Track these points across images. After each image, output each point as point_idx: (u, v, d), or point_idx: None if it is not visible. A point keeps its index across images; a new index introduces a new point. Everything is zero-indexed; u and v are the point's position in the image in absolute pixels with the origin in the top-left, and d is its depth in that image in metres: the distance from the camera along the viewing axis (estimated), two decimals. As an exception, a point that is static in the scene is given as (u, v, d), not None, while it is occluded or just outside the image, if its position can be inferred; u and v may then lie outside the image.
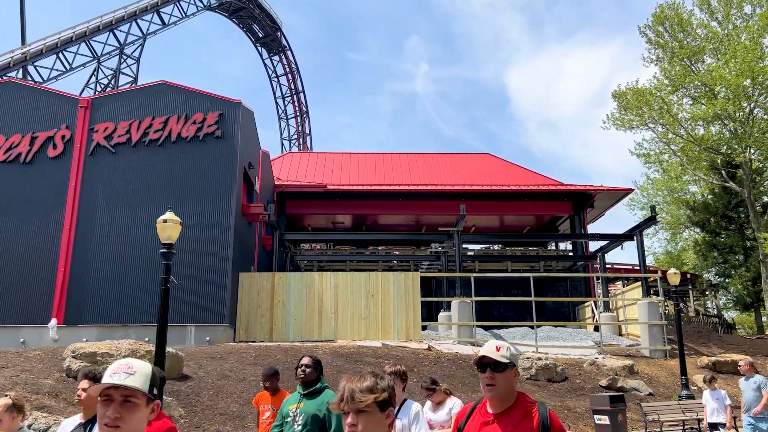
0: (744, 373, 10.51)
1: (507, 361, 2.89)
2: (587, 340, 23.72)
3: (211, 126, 21.89)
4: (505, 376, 2.89)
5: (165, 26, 51.88)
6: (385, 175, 34.99)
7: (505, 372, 2.89)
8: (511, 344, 22.10)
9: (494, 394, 2.88)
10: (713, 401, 11.16)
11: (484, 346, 2.98)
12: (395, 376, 4.87)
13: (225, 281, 20.52)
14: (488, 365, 2.90)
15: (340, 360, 17.60)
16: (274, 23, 66.22)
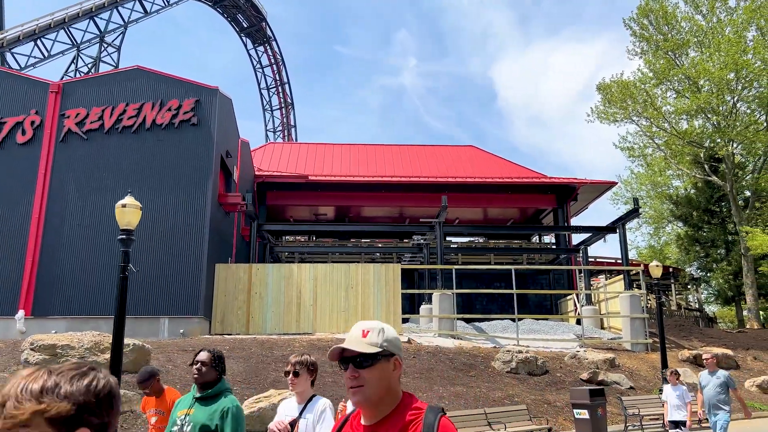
0: (707, 367, 9.96)
1: (378, 350, 1.99)
2: (569, 333, 23.52)
3: (186, 113, 21.31)
4: (376, 371, 1.98)
5: (147, 14, 50.91)
6: (368, 166, 34.55)
7: (377, 366, 1.98)
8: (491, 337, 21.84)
9: (362, 398, 1.97)
10: (675, 398, 10.51)
11: (351, 330, 2.10)
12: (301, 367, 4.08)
13: (200, 272, 20.01)
14: (351, 360, 2.00)
15: (317, 353, 17.18)
16: (259, 14, 65.35)
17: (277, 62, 71.82)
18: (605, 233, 25.50)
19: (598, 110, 34.50)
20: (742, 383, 19.75)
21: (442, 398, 14.81)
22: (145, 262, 19.90)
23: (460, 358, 18.66)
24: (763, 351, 23.19)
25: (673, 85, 31.67)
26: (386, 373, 2.00)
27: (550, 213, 34.31)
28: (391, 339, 2.06)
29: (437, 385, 15.94)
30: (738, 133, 28.58)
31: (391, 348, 2.04)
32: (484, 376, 17.39)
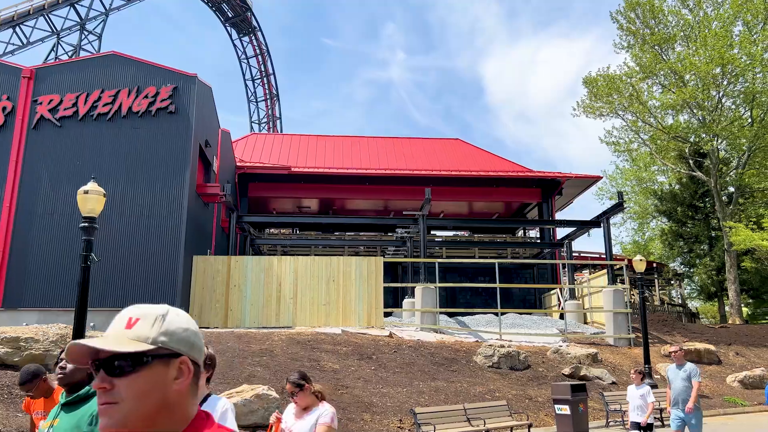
0: (675, 361, 9.48)
1: (146, 347, 1.28)
2: (552, 328, 23.36)
3: (164, 100, 20.76)
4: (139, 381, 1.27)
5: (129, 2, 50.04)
6: (352, 158, 34.14)
7: (143, 373, 1.27)
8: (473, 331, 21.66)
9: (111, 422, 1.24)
10: (637, 398, 9.98)
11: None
12: None
13: (177, 264, 19.53)
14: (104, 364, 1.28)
15: (296, 347, 16.85)
16: (244, 3, 64.51)
17: (263, 53, 71.06)
18: (589, 227, 25.34)
19: (584, 104, 34.33)
20: (724, 379, 19.71)
21: (422, 393, 14.53)
22: (120, 253, 19.41)
23: (441, 352, 18.39)
24: (745, 346, 23.19)
25: (659, 79, 31.56)
26: (160, 384, 1.28)
27: (534, 207, 34.14)
28: (174, 331, 1.33)
29: (417, 380, 15.66)
30: (723, 128, 28.52)
31: (174, 344, 1.31)
32: (465, 370, 17.13)
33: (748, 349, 22.84)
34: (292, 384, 4.54)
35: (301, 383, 4.52)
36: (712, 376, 19.78)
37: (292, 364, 15.14)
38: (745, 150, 30.50)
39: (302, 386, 4.52)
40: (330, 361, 15.99)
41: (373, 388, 14.33)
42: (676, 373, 9.28)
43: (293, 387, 4.52)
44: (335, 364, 15.80)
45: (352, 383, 14.46)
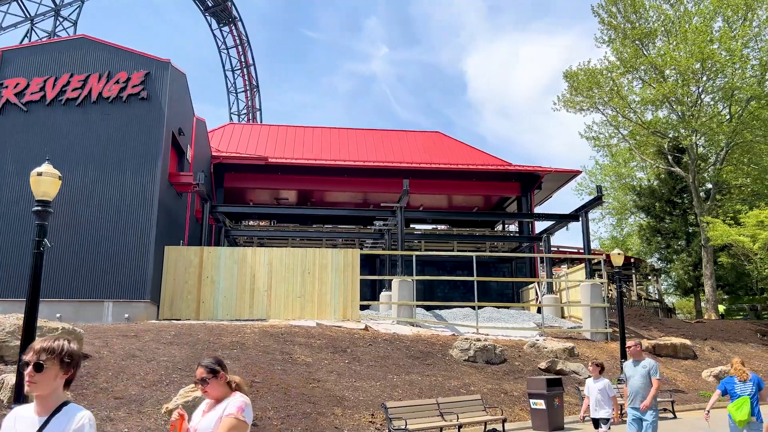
0: (631, 356, 8.69)
1: None
2: (529, 322, 23.24)
3: (136, 86, 20.20)
4: None
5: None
6: (331, 150, 33.70)
7: None
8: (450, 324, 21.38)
9: None
10: (596, 392, 9.36)
11: None
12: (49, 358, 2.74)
13: (148, 254, 19.03)
14: None
15: (268, 340, 16.46)
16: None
17: (243, 43, 70.11)
18: (568, 221, 25.24)
19: (564, 99, 34.23)
20: (699, 373, 19.72)
21: (396, 387, 14.25)
22: (89, 242, 18.85)
23: (417, 345, 18.13)
24: (721, 342, 23.28)
25: (639, 74, 31.55)
26: None
27: (514, 201, 34.04)
28: None
29: (392, 373, 15.37)
30: (702, 124, 28.59)
31: None
32: (440, 364, 16.89)
33: (724, 344, 22.92)
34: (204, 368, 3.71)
35: (216, 369, 3.72)
36: (688, 371, 19.78)
37: (264, 358, 14.77)
38: (723, 146, 30.64)
39: (216, 373, 3.70)
40: (303, 354, 15.64)
41: (345, 382, 14.02)
42: (633, 369, 8.66)
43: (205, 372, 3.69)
44: (308, 357, 15.45)
45: (324, 377, 14.13)
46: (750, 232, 24.14)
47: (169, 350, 14.00)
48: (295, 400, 12.16)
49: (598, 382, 9.45)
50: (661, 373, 9.17)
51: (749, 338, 24.11)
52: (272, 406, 11.54)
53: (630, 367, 8.70)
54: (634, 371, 8.57)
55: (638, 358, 8.62)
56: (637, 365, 8.58)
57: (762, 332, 24.70)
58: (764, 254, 24.05)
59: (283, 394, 12.34)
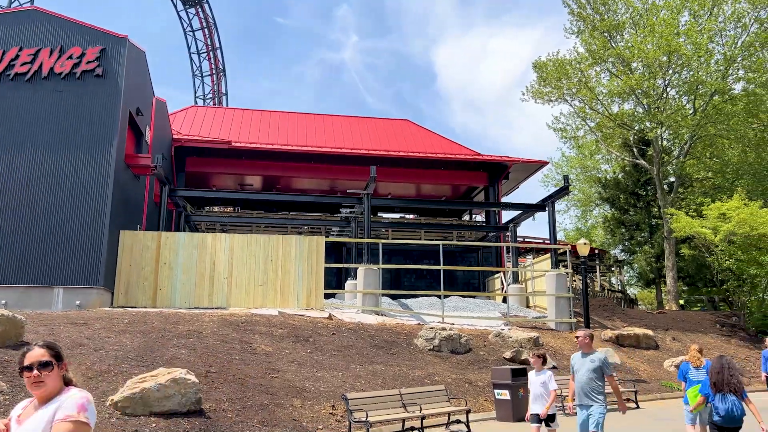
0: (580, 348, 7.94)
1: None
2: (495, 312, 23.12)
3: (90, 62, 19.25)
4: None
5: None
6: (298, 135, 33.00)
7: None
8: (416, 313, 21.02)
9: None
10: (537, 385, 8.74)
11: None
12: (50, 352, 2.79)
13: (101, 239, 18.20)
14: None
15: (227, 329, 15.89)
16: (190, -28, 61.92)
17: (209, 26, 68.46)
18: (535, 211, 25.16)
19: (533, 89, 34.14)
20: (661, 363, 19.85)
21: (359, 377, 13.86)
22: (39, 226, 17.95)
23: (381, 335, 17.78)
24: (682, 332, 23.53)
25: (607, 66, 31.61)
26: None
27: (481, 191, 33.92)
28: None
29: (355, 363, 14.98)
30: (667, 116, 28.78)
31: None
32: (405, 353, 16.57)
33: (684, 335, 23.17)
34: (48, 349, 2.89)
35: (61, 354, 2.94)
36: (650, 361, 19.89)
37: (222, 347, 14.22)
38: (687, 139, 30.96)
39: (61, 359, 2.92)
40: (263, 343, 15.13)
41: (306, 372, 13.57)
42: (581, 362, 7.83)
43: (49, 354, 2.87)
44: (268, 346, 14.95)
45: (284, 367, 13.66)
46: (711, 224, 24.43)
47: (120, 339, 13.34)
48: (253, 391, 11.67)
49: (540, 374, 8.87)
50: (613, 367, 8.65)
51: (709, 329, 24.45)
52: (227, 398, 11.03)
53: (578, 360, 7.91)
54: (582, 364, 7.77)
55: (587, 350, 7.86)
56: (586, 358, 7.79)
57: (721, 323, 25.08)
58: (725, 246, 24.36)
59: (239, 385, 11.84)
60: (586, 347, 7.85)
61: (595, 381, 7.58)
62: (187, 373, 10.12)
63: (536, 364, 9.07)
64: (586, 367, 7.65)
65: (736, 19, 29.01)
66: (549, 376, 8.74)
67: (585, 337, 7.88)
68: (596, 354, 7.78)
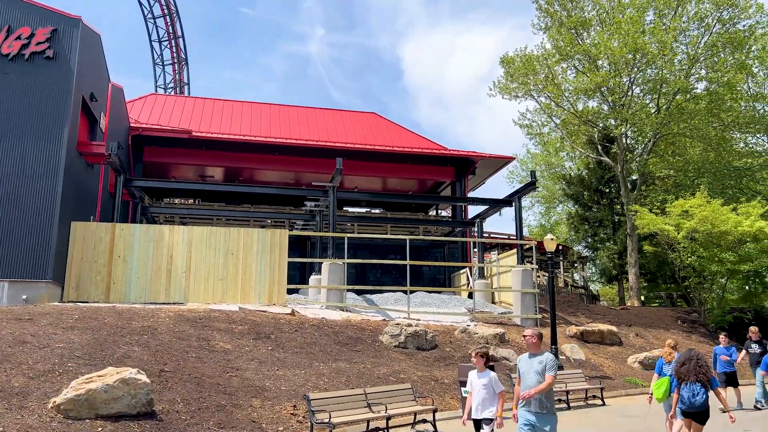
0: (527, 348, 7.30)
1: None
2: (461, 307, 22.89)
3: (40, 44, 18.22)
4: None
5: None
6: (261, 126, 32.17)
7: None
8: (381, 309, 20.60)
9: None
10: (480, 387, 7.74)
11: None
12: None
13: (51, 230, 17.25)
14: None
15: (184, 325, 15.21)
16: (151, -43, 60.08)
17: (171, 13, 66.65)
18: (502, 206, 25.01)
19: (500, 84, 34.05)
20: (625, 360, 19.89)
21: (322, 376, 13.38)
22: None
23: (346, 331, 17.32)
24: (644, 328, 23.70)
25: (574, 62, 31.69)
26: None
27: (448, 186, 33.71)
28: None
29: (318, 360, 14.49)
30: (632, 114, 28.99)
31: None
32: (370, 351, 16.15)
33: (647, 331, 23.34)
34: None
35: None
36: (614, 357, 19.92)
37: (178, 344, 13.55)
38: (650, 137, 31.27)
39: None
40: (222, 340, 14.51)
41: (267, 371, 13.02)
42: (529, 364, 7.10)
43: None
44: (227, 344, 14.34)
45: (244, 365, 13.08)
46: (674, 221, 24.65)
47: (68, 336, 12.56)
48: (209, 390, 11.08)
49: (482, 375, 7.83)
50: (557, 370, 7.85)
51: (671, 325, 24.72)
52: (182, 399, 10.42)
53: (525, 362, 7.19)
54: (529, 366, 7.07)
55: (535, 350, 7.17)
56: (533, 359, 7.09)
57: (682, 319, 25.39)
58: (687, 243, 24.63)
59: (195, 384, 11.23)
60: (533, 347, 7.19)
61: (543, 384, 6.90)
62: (138, 372, 9.48)
63: (478, 364, 7.92)
64: (534, 370, 6.97)
65: (700, 19, 29.39)
66: (493, 378, 7.79)
67: (533, 336, 7.21)
68: (545, 355, 7.09)
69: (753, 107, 32.60)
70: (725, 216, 23.22)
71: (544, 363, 6.96)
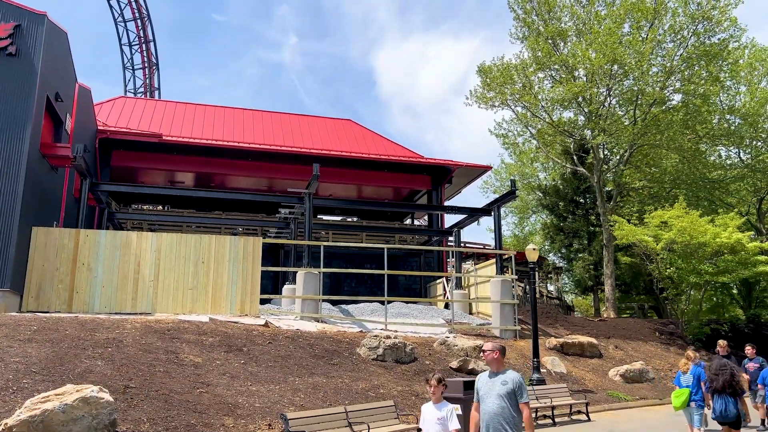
0: (488, 365, 6.17)
1: None
2: (438, 318, 22.38)
3: (2, 40, 17.30)
4: None
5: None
6: (234, 131, 31.36)
7: None
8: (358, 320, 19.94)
9: None
10: (434, 423, 6.49)
11: None
12: None
13: (10, 236, 16.26)
14: None
15: (152, 337, 14.38)
16: (122, -41, 58.87)
17: (142, 17, 65.38)
18: (480, 215, 24.66)
19: (477, 93, 33.88)
20: (606, 372, 19.59)
21: (297, 391, 12.69)
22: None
23: (322, 343, 16.65)
24: (623, 339, 23.50)
25: (551, 72, 31.66)
26: None
27: (424, 195, 33.31)
28: None
29: (293, 375, 13.80)
30: (609, 124, 29.01)
31: None
32: (347, 364, 15.51)
33: (626, 343, 23.13)
34: None
35: None
36: (595, 370, 19.60)
37: (144, 357, 12.75)
38: (626, 148, 31.34)
39: None
40: (191, 353, 13.73)
41: (240, 386, 12.30)
42: (489, 386, 5.94)
43: None
44: (197, 357, 13.56)
45: (215, 380, 12.34)
46: (653, 232, 24.59)
47: (25, 349, 11.68)
48: (178, 408, 10.34)
49: (440, 407, 6.54)
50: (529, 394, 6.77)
51: (648, 337, 24.57)
52: (148, 417, 9.67)
53: (484, 382, 6.01)
54: (490, 388, 5.89)
55: (497, 368, 6.03)
56: (495, 379, 5.92)
57: (659, 331, 25.28)
58: (666, 254, 24.56)
59: (163, 401, 10.47)
60: (495, 364, 6.02)
61: (509, 411, 5.72)
62: (100, 390, 8.72)
63: (435, 393, 6.52)
64: (495, 392, 5.82)
65: (675, 32, 29.60)
66: (450, 411, 6.51)
67: (493, 352, 6.05)
68: (509, 374, 5.92)
69: (726, 120, 32.98)
70: (703, 227, 23.22)
71: (510, 385, 5.79)
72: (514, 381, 5.82)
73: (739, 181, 32.82)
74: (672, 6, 29.28)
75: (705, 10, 28.36)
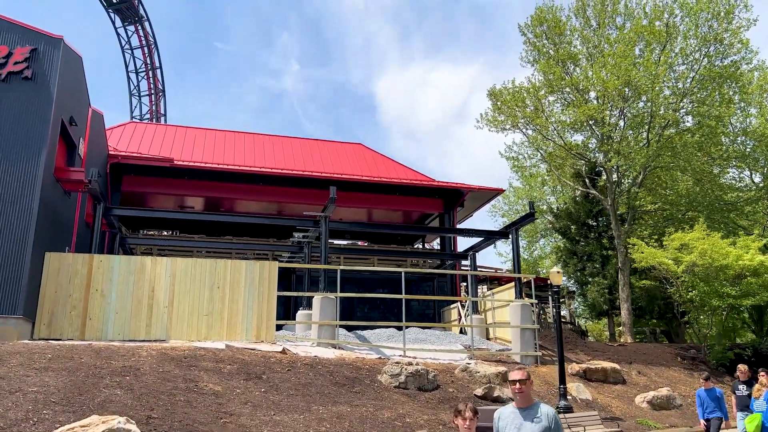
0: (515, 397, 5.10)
1: None
2: (456, 344, 21.87)
3: (18, 63, 17.17)
4: None
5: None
6: (245, 156, 31.22)
7: None
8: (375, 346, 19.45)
9: None
10: None
11: None
12: None
13: (23, 262, 15.94)
14: None
15: (168, 365, 13.94)
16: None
17: (149, 45, 65.93)
18: (497, 238, 24.28)
19: (487, 117, 33.79)
20: (632, 399, 19.02)
21: (323, 420, 12.21)
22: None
23: (342, 370, 16.17)
24: (644, 365, 22.93)
25: (563, 95, 31.57)
26: None
27: (436, 218, 33.00)
28: None
29: (316, 403, 13.32)
30: (624, 146, 28.79)
31: None
32: (370, 392, 15.02)
33: (648, 368, 22.56)
34: None
35: None
36: (620, 397, 19.04)
37: (164, 386, 12.30)
38: (640, 170, 31.08)
39: None
40: (211, 381, 13.28)
41: (263, 416, 11.83)
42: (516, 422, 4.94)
43: None
44: (217, 385, 13.11)
45: (237, 409, 11.88)
46: (672, 255, 24.17)
47: (42, 378, 11.26)
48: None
49: None
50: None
51: (671, 362, 23.98)
52: (174, 450, 9.22)
53: (510, 419, 4.98)
54: (518, 426, 4.89)
55: (526, 403, 4.99)
56: (527, 415, 4.91)
57: (681, 356, 24.69)
58: (687, 277, 24.11)
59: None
60: (524, 399, 4.98)
61: None
62: (128, 421, 8.31)
63: (470, 428, 4.75)
64: (527, 430, 4.82)
65: (686, 54, 29.55)
66: None
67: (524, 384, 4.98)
68: (542, 408, 4.95)
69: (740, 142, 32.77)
70: (725, 250, 22.82)
71: (545, 422, 4.81)
72: (548, 417, 4.87)
73: (754, 203, 32.46)
74: (683, 29, 29.28)
75: (717, 32, 28.32)
